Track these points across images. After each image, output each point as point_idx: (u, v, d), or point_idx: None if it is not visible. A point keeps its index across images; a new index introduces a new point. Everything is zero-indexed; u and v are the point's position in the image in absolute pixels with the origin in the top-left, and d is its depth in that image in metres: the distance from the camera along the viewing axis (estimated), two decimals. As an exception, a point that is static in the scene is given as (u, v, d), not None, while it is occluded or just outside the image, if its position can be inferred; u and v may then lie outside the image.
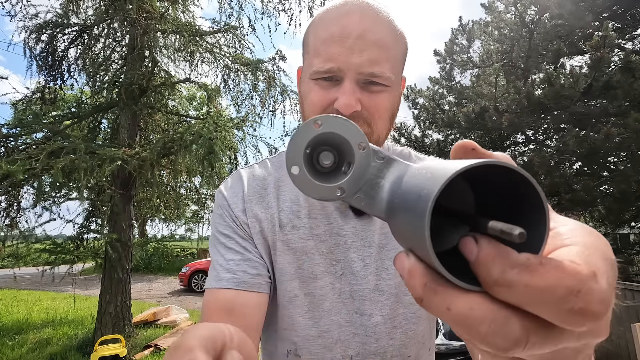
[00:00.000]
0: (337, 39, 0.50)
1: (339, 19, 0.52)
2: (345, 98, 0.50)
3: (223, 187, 0.66)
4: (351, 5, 0.52)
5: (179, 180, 6.34)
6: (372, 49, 0.50)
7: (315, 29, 0.55)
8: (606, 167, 4.36)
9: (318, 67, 0.52)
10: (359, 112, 0.51)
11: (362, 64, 0.50)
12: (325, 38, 0.52)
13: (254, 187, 0.64)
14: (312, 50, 0.54)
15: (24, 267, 4.59)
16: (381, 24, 0.52)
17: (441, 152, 6.33)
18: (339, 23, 0.51)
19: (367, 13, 0.52)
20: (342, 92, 0.50)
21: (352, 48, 0.50)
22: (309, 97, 0.54)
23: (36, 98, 4.99)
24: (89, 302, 7.50)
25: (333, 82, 0.52)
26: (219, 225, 0.62)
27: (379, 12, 0.53)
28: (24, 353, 4.66)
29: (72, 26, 4.93)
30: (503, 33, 5.55)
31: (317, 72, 0.52)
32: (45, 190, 4.20)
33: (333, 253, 0.59)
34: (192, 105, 16.87)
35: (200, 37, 5.04)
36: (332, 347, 0.58)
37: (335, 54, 0.50)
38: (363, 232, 0.61)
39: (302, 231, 0.60)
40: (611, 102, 3.71)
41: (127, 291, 4.80)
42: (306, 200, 0.61)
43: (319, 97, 0.53)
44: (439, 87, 7.21)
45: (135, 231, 6.69)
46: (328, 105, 0.52)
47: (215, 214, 0.65)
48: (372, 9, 0.53)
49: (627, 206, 4.09)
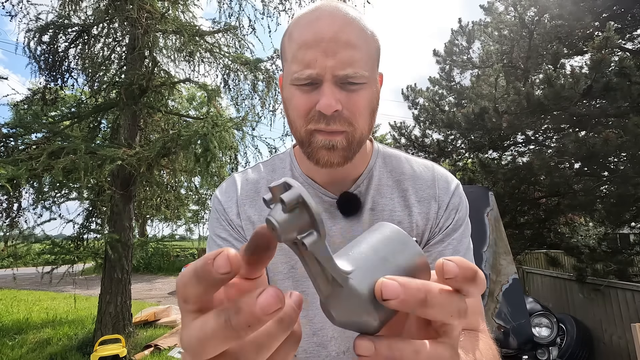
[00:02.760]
0: (311, 44, 0.52)
1: (311, 25, 0.54)
2: (325, 99, 0.52)
3: (218, 191, 0.69)
4: (321, 11, 0.54)
5: (179, 180, 6.34)
6: (345, 50, 0.52)
7: (290, 37, 0.57)
8: (606, 167, 4.36)
9: (298, 74, 0.53)
10: (339, 111, 0.53)
11: (337, 66, 0.52)
12: (300, 44, 0.54)
13: (247, 191, 0.67)
14: (290, 57, 0.56)
15: (24, 267, 4.59)
16: (351, 25, 0.54)
17: (441, 152, 6.33)
18: (311, 29, 0.53)
19: (336, 16, 0.54)
20: (322, 94, 0.52)
21: (325, 51, 0.52)
22: (293, 102, 0.56)
23: (37, 98, 4.99)
24: (89, 302, 7.50)
25: (313, 86, 0.54)
26: (215, 229, 0.66)
27: (348, 15, 0.54)
28: (24, 353, 4.66)
29: (72, 26, 4.93)
30: (503, 34, 5.54)
31: (298, 78, 0.54)
32: (45, 190, 4.20)
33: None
34: (192, 105, 16.87)
35: (200, 37, 5.04)
36: (326, 345, 0.61)
37: (311, 59, 0.52)
38: (350, 232, 0.62)
39: None
40: (611, 103, 3.71)
41: (127, 291, 4.80)
42: None
43: (302, 101, 0.55)
44: (438, 87, 7.21)
45: (135, 231, 6.69)
46: (311, 109, 0.54)
47: (212, 217, 0.68)
48: (341, 12, 0.54)
49: (627, 207, 4.09)
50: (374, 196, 0.65)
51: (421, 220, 0.64)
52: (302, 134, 0.57)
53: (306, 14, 0.56)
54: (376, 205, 0.65)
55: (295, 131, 0.58)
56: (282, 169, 0.69)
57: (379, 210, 0.64)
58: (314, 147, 0.56)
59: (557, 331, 3.05)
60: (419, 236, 0.64)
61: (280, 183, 0.24)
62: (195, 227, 8.00)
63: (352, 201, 0.63)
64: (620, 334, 3.84)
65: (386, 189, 0.66)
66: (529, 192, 5.14)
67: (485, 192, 3.20)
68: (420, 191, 0.66)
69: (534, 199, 5.20)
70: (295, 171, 0.67)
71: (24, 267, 4.66)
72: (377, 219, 0.63)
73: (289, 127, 0.61)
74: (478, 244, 2.90)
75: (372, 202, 0.64)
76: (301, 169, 0.66)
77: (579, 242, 4.83)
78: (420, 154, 6.92)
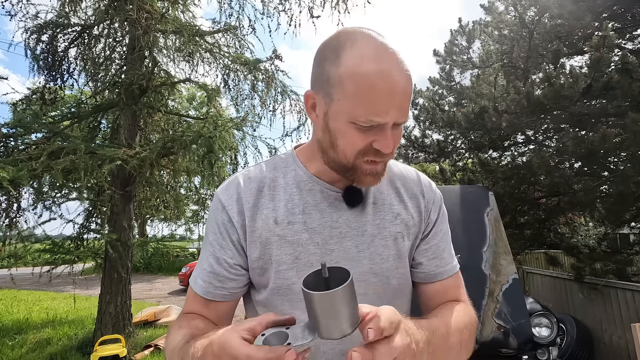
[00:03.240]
0: (384, 95, 0.55)
1: (383, 76, 0.55)
2: (387, 142, 0.58)
3: (219, 190, 0.72)
4: (390, 61, 0.56)
5: (179, 180, 6.34)
6: (406, 101, 0.57)
7: (353, 77, 0.56)
8: (606, 167, 4.35)
9: (364, 118, 0.56)
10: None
11: (400, 116, 0.57)
12: (368, 88, 0.55)
13: (250, 189, 0.70)
14: (350, 94, 0.56)
15: (24, 267, 4.59)
16: (408, 76, 0.57)
17: (441, 152, 6.33)
18: (385, 79, 0.55)
19: (401, 67, 0.56)
20: (385, 137, 0.58)
21: (397, 106, 0.56)
22: (348, 137, 0.60)
23: (36, 98, 4.98)
24: (89, 302, 7.50)
25: (371, 128, 0.58)
26: (210, 227, 0.71)
27: (404, 63, 0.57)
28: (24, 353, 4.66)
29: (72, 26, 4.93)
30: (503, 33, 5.54)
31: (364, 121, 0.57)
32: (44, 190, 4.20)
33: (327, 244, 0.67)
34: (192, 105, 16.88)
35: (200, 37, 5.04)
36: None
37: (383, 111, 0.55)
38: (356, 223, 0.69)
39: (297, 226, 0.67)
40: (611, 102, 3.70)
41: (127, 291, 4.81)
42: (300, 199, 0.69)
43: (361, 140, 0.59)
44: (438, 87, 7.21)
45: (135, 231, 6.69)
46: (367, 146, 0.60)
47: (210, 215, 0.72)
48: (401, 60, 0.57)
49: (627, 206, 4.08)
50: (374, 192, 0.72)
51: (415, 214, 0.73)
52: (351, 162, 0.62)
53: (373, 56, 0.56)
54: (377, 200, 0.72)
55: (343, 158, 0.62)
56: (284, 168, 0.73)
57: (379, 204, 0.72)
58: (360, 173, 0.62)
59: (557, 331, 3.05)
60: (415, 226, 0.72)
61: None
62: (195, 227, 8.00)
63: (356, 194, 0.69)
64: (620, 334, 3.83)
65: (383, 186, 0.73)
66: (529, 192, 5.14)
67: (485, 192, 3.20)
68: (409, 189, 0.75)
69: (534, 199, 5.19)
70: (301, 170, 0.72)
71: (24, 267, 4.66)
72: (379, 212, 0.71)
73: (327, 148, 0.64)
74: (478, 244, 2.89)
75: (374, 197, 0.72)
76: (307, 169, 0.72)
77: (578, 242, 4.83)
78: (420, 154, 6.92)
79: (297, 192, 0.69)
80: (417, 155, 6.99)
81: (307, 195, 0.69)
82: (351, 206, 0.69)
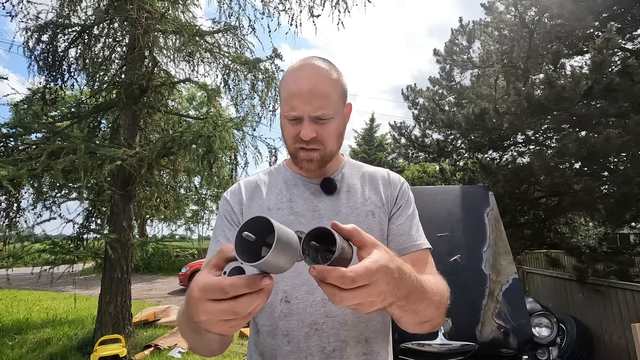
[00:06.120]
0: (295, 95, 0.77)
1: (296, 81, 0.78)
2: (304, 131, 0.78)
3: (225, 193, 0.92)
4: (304, 71, 0.79)
5: (178, 180, 6.34)
6: (317, 99, 0.77)
7: (285, 84, 0.81)
8: (606, 167, 4.35)
9: (287, 113, 0.79)
10: (315, 137, 0.79)
11: (312, 110, 0.77)
12: (289, 93, 0.79)
13: (248, 188, 0.90)
14: (283, 100, 0.81)
15: (24, 267, 4.59)
16: (322, 80, 0.78)
17: (441, 152, 6.33)
18: (296, 84, 0.78)
19: (312, 73, 0.78)
20: (303, 127, 0.79)
21: (304, 101, 0.77)
22: (285, 129, 0.83)
23: (37, 98, 4.98)
24: (89, 302, 7.51)
25: (297, 121, 0.80)
26: (217, 220, 0.88)
27: (320, 70, 0.79)
28: (24, 353, 4.66)
29: (72, 26, 4.93)
30: (503, 34, 5.54)
31: (287, 116, 0.80)
32: (44, 190, 4.20)
33: (310, 224, 0.82)
34: (192, 105, 16.87)
35: (200, 37, 5.04)
36: (313, 292, 0.79)
37: (296, 105, 0.78)
38: (332, 206, 0.86)
39: (285, 211, 0.85)
40: (612, 104, 3.70)
41: (127, 291, 4.80)
42: (287, 191, 0.88)
43: (291, 130, 0.81)
44: (438, 87, 7.20)
45: (135, 231, 6.69)
46: (296, 135, 0.80)
47: (219, 215, 0.89)
48: (316, 68, 0.79)
49: (627, 207, 4.08)
50: (347, 183, 0.90)
51: (383, 198, 0.89)
52: (291, 150, 0.84)
53: (295, 70, 0.80)
54: (350, 188, 0.89)
55: (288, 148, 0.85)
56: (275, 173, 0.94)
57: (352, 191, 0.89)
58: (299, 159, 0.83)
59: (557, 331, 3.04)
60: (383, 208, 0.87)
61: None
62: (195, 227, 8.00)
63: (330, 183, 0.88)
64: (620, 334, 3.83)
65: (356, 180, 0.92)
66: (529, 192, 5.13)
67: (485, 192, 3.20)
68: (376, 181, 0.92)
69: (534, 199, 5.19)
70: (288, 172, 0.92)
71: (24, 267, 4.66)
72: (352, 197, 0.87)
73: (285, 143, 0.87)
74: (478, 244, 2.89)
75: (347, 185, 0.90)
76: (292, 170, 0.92)
77: (579, 242, 4.82)
78: (420, 153, 6.91)
79: (285, 187, 0.89)
80: (417, 155, 6.98)
81: (293, 189, 0.88)
82: (328, 193, 0.87)
